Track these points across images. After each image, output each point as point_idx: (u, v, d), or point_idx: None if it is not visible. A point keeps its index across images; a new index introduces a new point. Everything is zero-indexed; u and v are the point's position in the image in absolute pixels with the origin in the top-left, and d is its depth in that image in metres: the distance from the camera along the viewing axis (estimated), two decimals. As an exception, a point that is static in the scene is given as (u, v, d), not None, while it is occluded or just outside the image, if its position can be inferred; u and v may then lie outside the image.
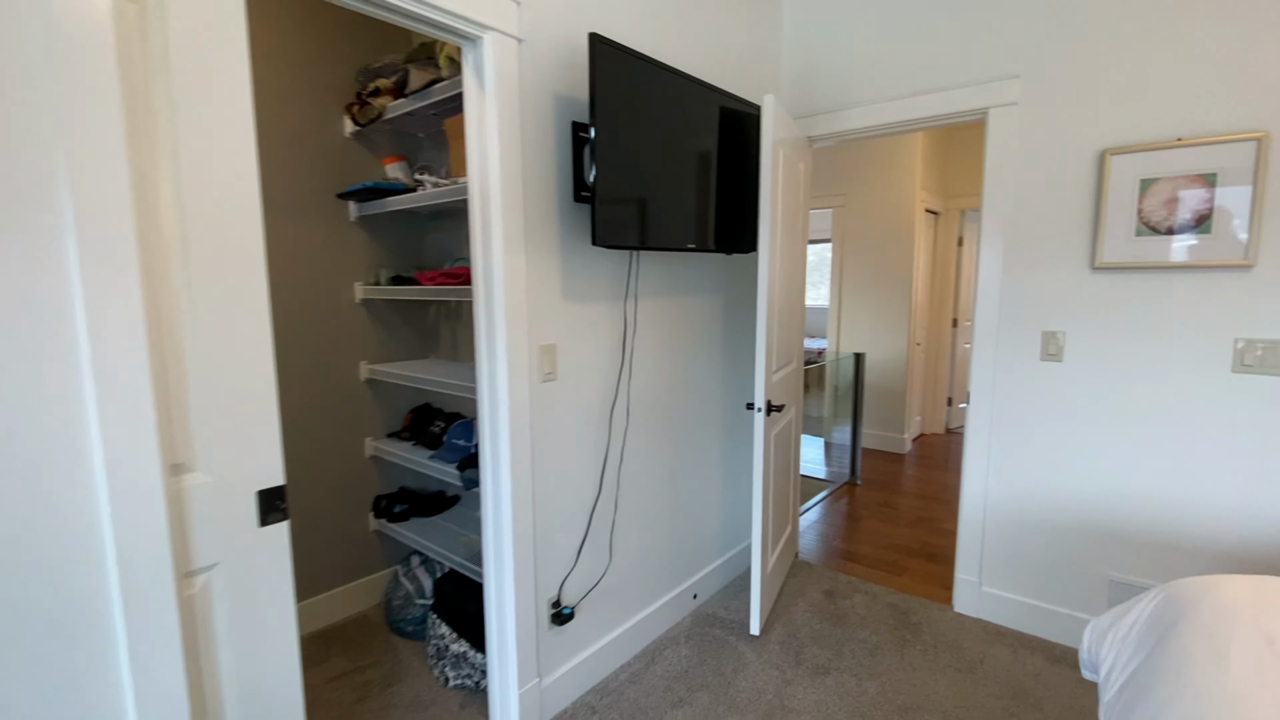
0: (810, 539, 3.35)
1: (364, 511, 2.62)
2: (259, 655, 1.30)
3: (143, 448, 1.07)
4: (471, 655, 2.07)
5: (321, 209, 2.38)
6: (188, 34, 1.13)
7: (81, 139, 0.99)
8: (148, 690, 1.11)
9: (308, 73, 2.30)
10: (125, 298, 1.04)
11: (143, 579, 1.09)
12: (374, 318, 2.57)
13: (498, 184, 1.68)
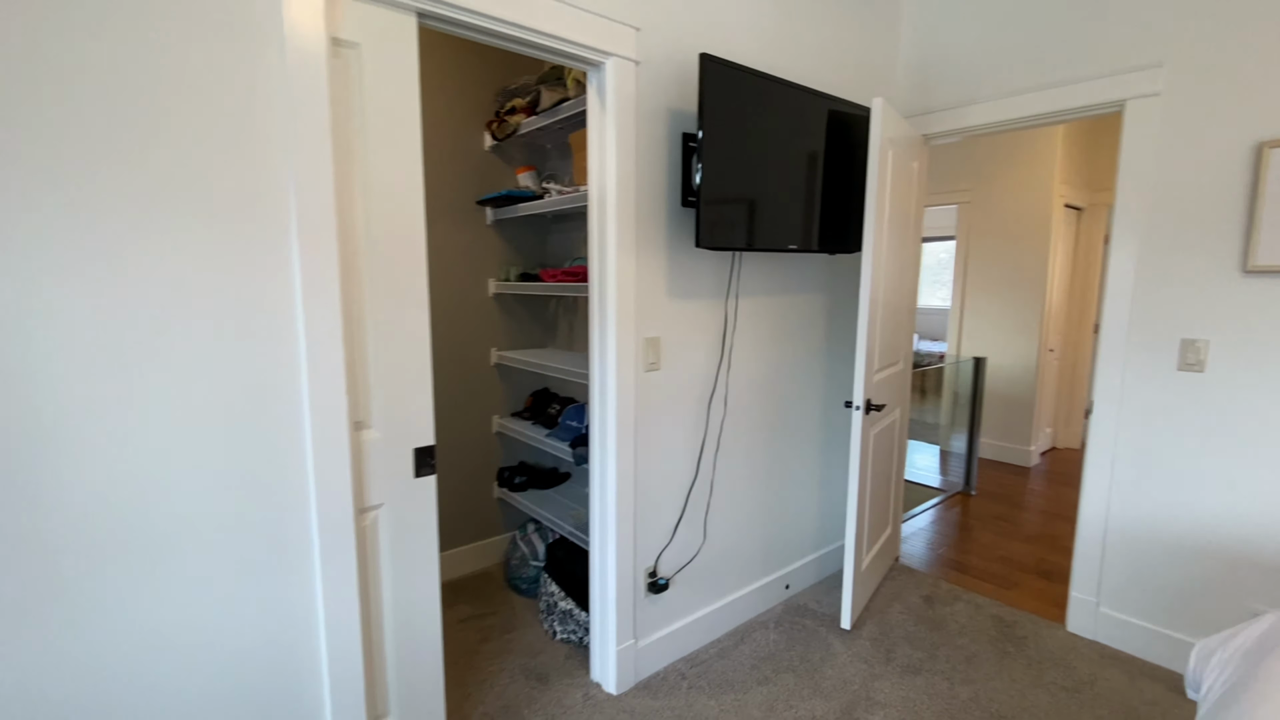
0: (915, 545, 3.29)
1: (489, 481, 2.96)
2: (410, 579, 1.59)
3: (336, 408, 1.38)
4: (577, 613, 2.31)
5: (464, 214, 2.72)
6: (377, 74, 1.42)
7: (303, 156, 1.30)
8: (331, 591, 1.42)
9: (455, 97, 2.64)
10: (327, 284, 1.35)
11: (333, 510, 1.40)
12: (503, 310, 2.90)
13: (614, 191, 1.88)
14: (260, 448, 1.31)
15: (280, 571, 1.37)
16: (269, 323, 1.30)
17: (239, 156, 1.25)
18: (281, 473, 1.34)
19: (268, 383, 1.31)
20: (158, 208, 1.17)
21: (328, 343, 1.36)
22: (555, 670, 2.20)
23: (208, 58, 1.20)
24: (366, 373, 1.46)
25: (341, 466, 1.41)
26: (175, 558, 1.24)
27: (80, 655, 1.17)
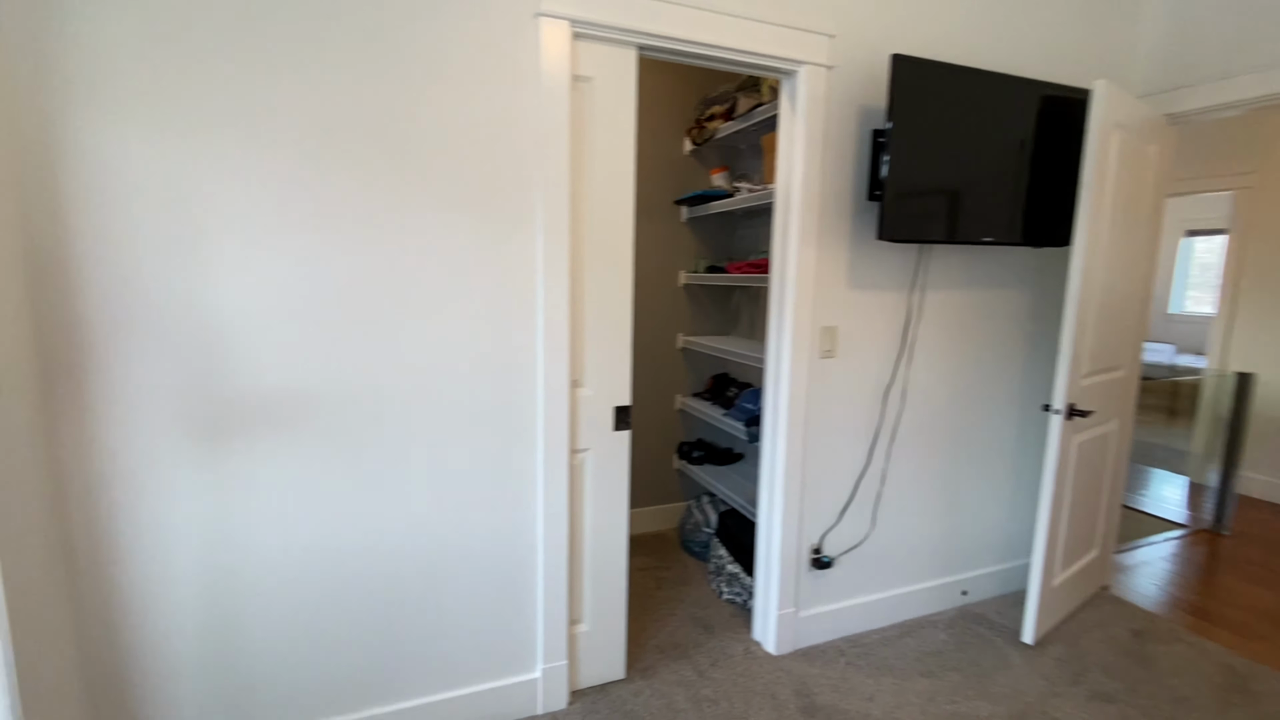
0: (1136, 578, 2.93)
1: (670, 452, 3.27)
2: (605, 513, 1.93)
3: (560, 368, 1.74)
4: (743, 577, 2.51)
5: (662, 212, 3.04)
6: (604, 100, 1.75)
7: (548, 170, 1.67)
8: (549, 509, 1.80)
9: (659, 109, 2.96)
10: (560, 270, 1.71)
11: (554, 447, 1.78)
12: (691, 299, 3.18)
13: (799, 188, 2.02)
14: (507, 394, 1.73)
15: (516, 484, 1.78)
16: (517, 299, 1.70)
17: (502, 172, 1.65)
18: (520, 414, 1.75)
19: (514, 345, 1.72)
20: (446, 209, 1.61)
21: (558, 315, 1.73)
22: (720, 624, 2.43)
23: (488, 103, 1.61)
24: (583, 340, 1.81)
25: (562, 414, 1.78)
26: (454, 461, 1.70)
27: (410, 512, 1.67)
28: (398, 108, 1.55)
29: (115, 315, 1.40)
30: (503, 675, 1.88)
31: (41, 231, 1.33)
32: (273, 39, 1.44)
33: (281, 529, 1.59)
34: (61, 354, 1.38)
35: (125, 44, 1.34)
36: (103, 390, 1.41)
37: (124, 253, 1.39)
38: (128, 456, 1.45)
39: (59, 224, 1.34)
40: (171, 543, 1.50)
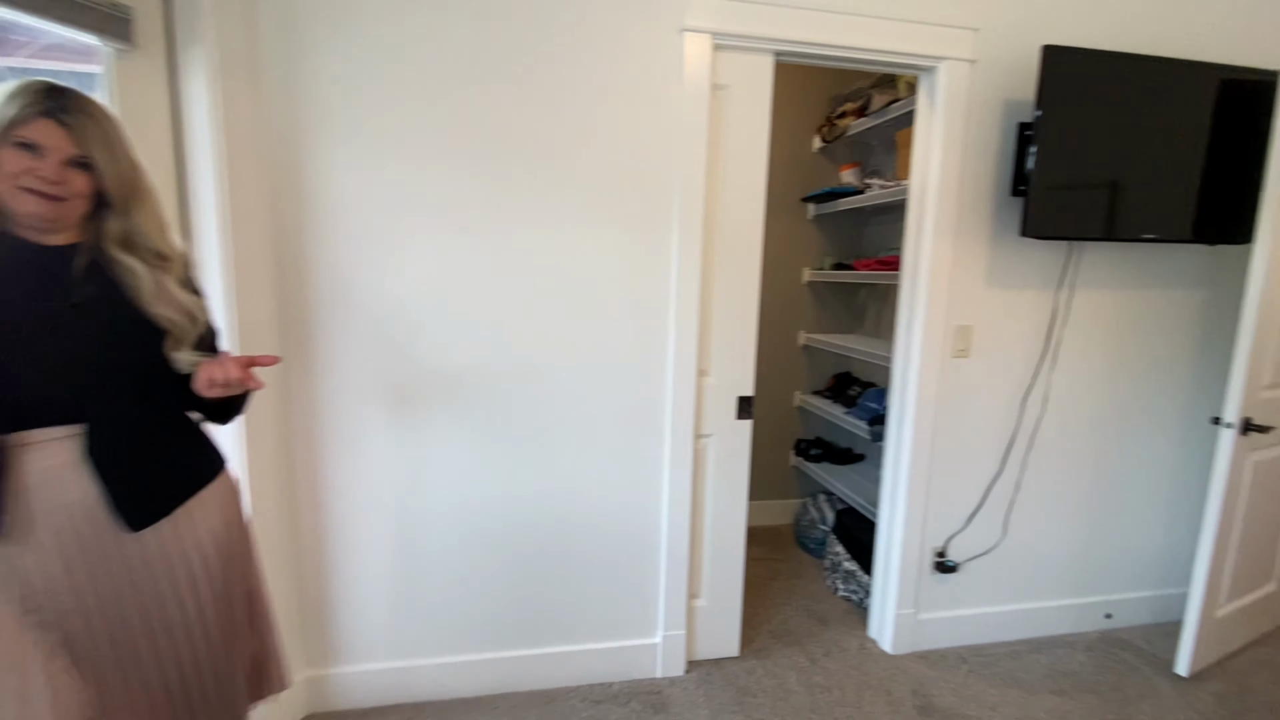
0: (1319, 619, 2.57)
1: (787, 449, 3.31)
2: (725, 497, 2.05)
3: (689, 357, 1.88)
4: (859, 575, 2.51)
5: (789, 209, 3.08)
6: (740, 106, 1.86)
7: (686, 174, 1.80)
8: (673, 488, 1.95)
9: (789, 108, 2.99)
10: (693, 266, 1.84)
11: (680, 430, 1.91)
12: (815, 296, 3.19)
13: (935, 184, 2.00)
14: (639, 379, 1.89)
15: (644, 461, 1.94)
16: (652, 292, 1.86)
17: (641, 176, 1.81)
18: (650, 399, 1.90)
19: (647, 334, 1.87)
20: (591, 211, 1.79)
21: (689, 308, 1.86)
22: (834, 619, 2.45)
23: (632, 114, 1.78)
24: (710, 332, 1.93)
25: (689, 400, 1.91)
26: (590, 437, 1.89)
27: (550, 478, 1.89)
28: (551, 123, 1.75)
29: (331, 301, 1.72)
30: (626, 636, 2.05)
31: (282, 231, 1.67)
32: (451, 73, 1.68)
33: (452, 483, 1.85)
34: (294, 329, 1.72)
35: (343, 80, 1.64)
36: (323, 361, 1.74)
37: (338, 250, 1.70)
38: (338, 414, 1.77)
39: (295, 225, 1.67)
40: (368, 488, 1.81)
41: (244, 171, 1.58)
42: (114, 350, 1.06)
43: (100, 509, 1.05)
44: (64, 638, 1.04)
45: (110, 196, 1.05)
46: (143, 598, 1.10)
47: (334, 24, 1.62)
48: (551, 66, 1.73)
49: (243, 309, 1.58)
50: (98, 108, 1.04)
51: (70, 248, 1.05)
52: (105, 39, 1.39)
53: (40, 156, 0.98)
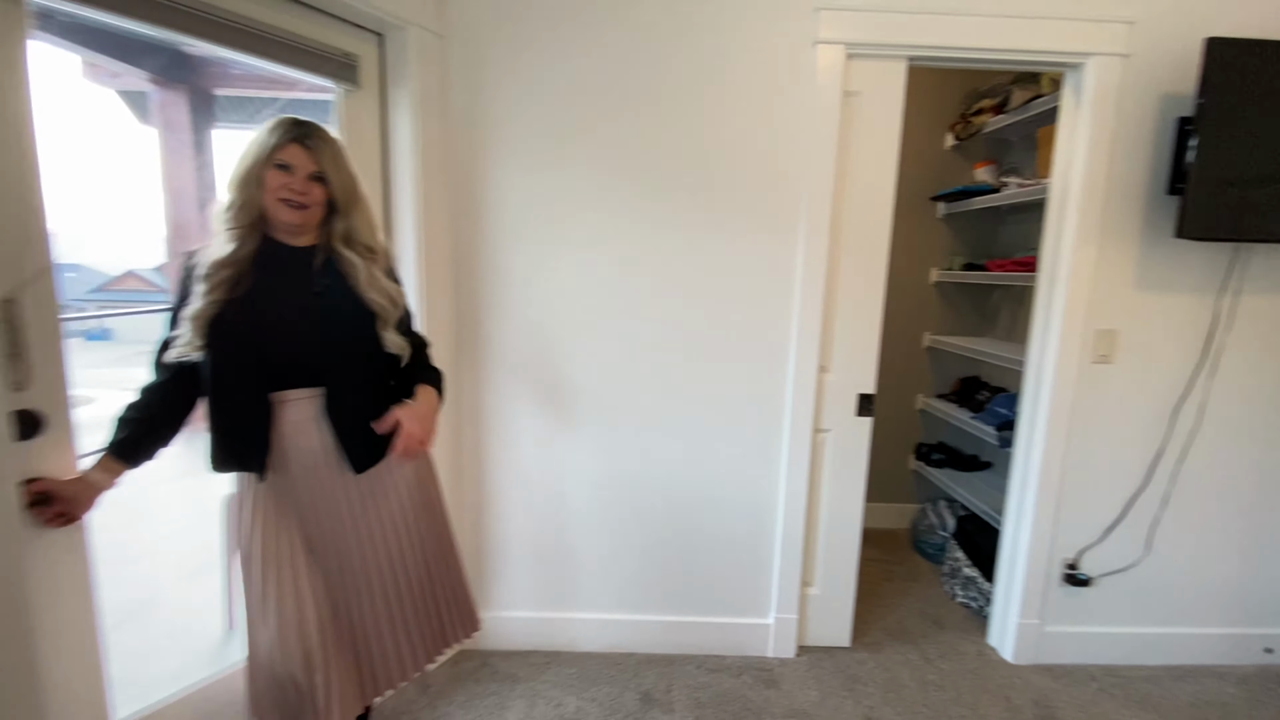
0: None
1: (906, 453, 3.27)
2: (842, 491, 2.12)
3: (811, 354, 1.98)
4: (980, 582, 2.47)
5: (916, 208, 3.04)
6: (870, 111, 1.92)
7: (814, 179, 1.90)
8: (790, 477, 2.05)
9: (921, 103, 2.94)
10: (818, 266, 1.93)
11: (799, 422, 2.02)
12: (942, 297, 3.12)
13: (1079, 183, 1.95)
14: (762, 371, 2.02)
15: (764, 450, 2.07)
16: (776, 290, 1.98)
17: (770, 180, 1.93)
18: (772, 391, 2.03)
19: (771, 329, 1.99)
20: (721, 213, 1.94)
21: (812, 307, 1.96)
22: (951, 623, 2.43)
23: (764, 123, 1.90)
24: (833, 330, 2.01)
25: (809, 396, 2.01)
26: (714, 424, 2.05)
27: (677, 460, 2.08)
28: (685, 135, 1.91)
29: (494, 298, 2.00)
30: (740, 615, 2.18)
31: (459, 236, 1.97)
32: (599, 97, 1.90)
33: (590, 462, 2.08)
34: (466, 319, 2.02)
35: (508, 110, 1.90)
36: (486, 349, 2.03)
37: (500, 254, 1.98)
38: (498, 397, 2.05)
39: (469, 232, 1.97)
40: (519, 461, 2.09)
41: (434, 186, 1.89)
42: (342, 329, 1.36)
43: (333, 454, 1.36)
44: (306, 544, 1.36)
45: (337, 202, 1.34)
46: (358, 522, 1.40)
47: (503, 65, 1.89)
48: (689, 84, 1.89)
49: (429, 299, 1.89)
50: (328, 133, 1.33)
51: (312, 248, 1.36)
52: (338, 82, 1.74)
53: (292, 174, 1.28)
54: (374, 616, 1.44)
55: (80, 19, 1.33)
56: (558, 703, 1.93)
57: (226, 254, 1.26)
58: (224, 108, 4.58)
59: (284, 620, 1.31)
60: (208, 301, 1.24)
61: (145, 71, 4.05)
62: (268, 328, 1.29)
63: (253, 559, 1.33)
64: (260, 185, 1.27)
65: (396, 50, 1.79)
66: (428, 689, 1.98)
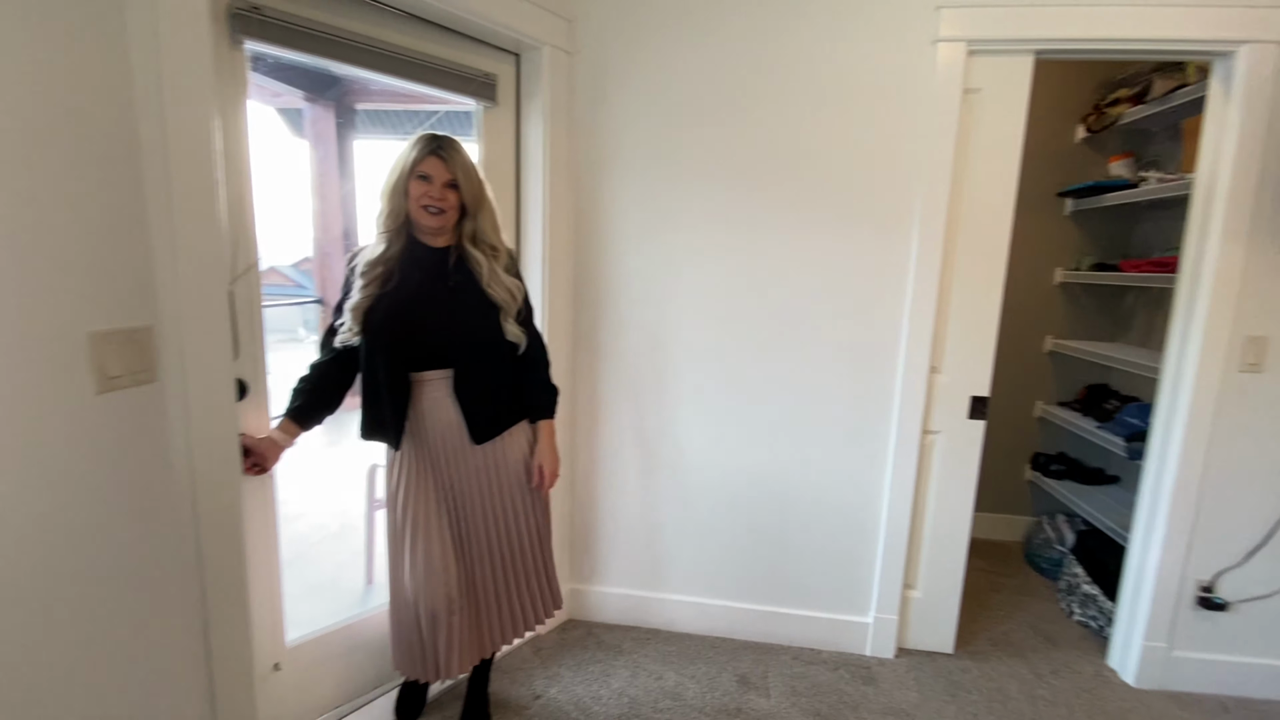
0: None
1: (1022, 462, 3.11)
2: (949, 495, 2.09)
3: (921, 354, 1.97)
4: (1100, 600, 2.33)
5: (1041, 204, 2.88)
6: (992, 108, 1.89)
7: (929, 178, 1.89)
8: (895, 479, 2.05)
9: (1047, 94, 2.78)
10: (931, 265, 1.93)
11: (907, 422, 2.02)
12: (1068, 299, 2.95)
13: (1227, 178, 1.81)
14: (870, 370, 2.03)
15: (870, 448, 2.08)
16: (887, 288, 1.98)
17: (882, 180, 1.94)
18: (879, 390, 2.03)
19: (880, 328, 2.00)
20: (829, 213, 1.97)
21: (924, 307, 1.95)
22: (1065, 641, 2.32)
23: (877, 124, 1.92)
24: (946, 331, 1.99)
25: (918, 396, 2.00)
26: (819, 418, 2.09)
27: (779, 450, 2.14)
28: (797, 137, 1.96)
29: (609, 292, 2.14)
30: (838, 611, 2.20)
31: (580, 236, 2.13)
32: (714, 100, 1.98)
33: (694, 450, 2.18)
34: (584, 312, 2.18)
35: (625, 120, 2.03)
36: (600, 340, 2.18)
37: (615, 251, 2.12)
38: (610, 385, 2.20)
39: (587, 232, 2.13)
40: (627, 446, 2.23)
41: (560, 192, 2.06)
42: (470, 320, 1.55)
43: (460, 428, 1.55)
44: (441, 505, 1.57)
45: (467, 206, 1.53)
46: (481, 489, 1.60)
47: (621, 76, 2.02)
48: (802, 88, 1.94)
49: (552, 293, 2.07)
50: (459, 145, 1.52)
51: (447, 249, 1.56)
52: (479, 100, 1.95)
53: (430, 183, 1.48)
54: (493, 577, 1.63)
55: (278, 59, 1.60)
56: (658, 675, 2.05)
57: (378, 254, 1.49)
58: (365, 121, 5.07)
59: (425, 570, 1.52)
60: (363, 295, 1.48)
61: (301, 91, 4.57)
62: (409, 317, 1.49)
63: (398, 516, 1.56)
64: (405, 194, 1.48)
65: (531, 68, 1.97)
66: (540, 650, 2.16)
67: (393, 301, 1.49)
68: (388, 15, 1.65)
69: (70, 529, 1.07)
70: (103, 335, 1.09)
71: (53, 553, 1.05)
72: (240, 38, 1.39)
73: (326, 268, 4.85)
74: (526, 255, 2.07)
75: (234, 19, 1.37)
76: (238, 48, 1.40)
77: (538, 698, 1.92)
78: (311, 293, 5.88)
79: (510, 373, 1.62)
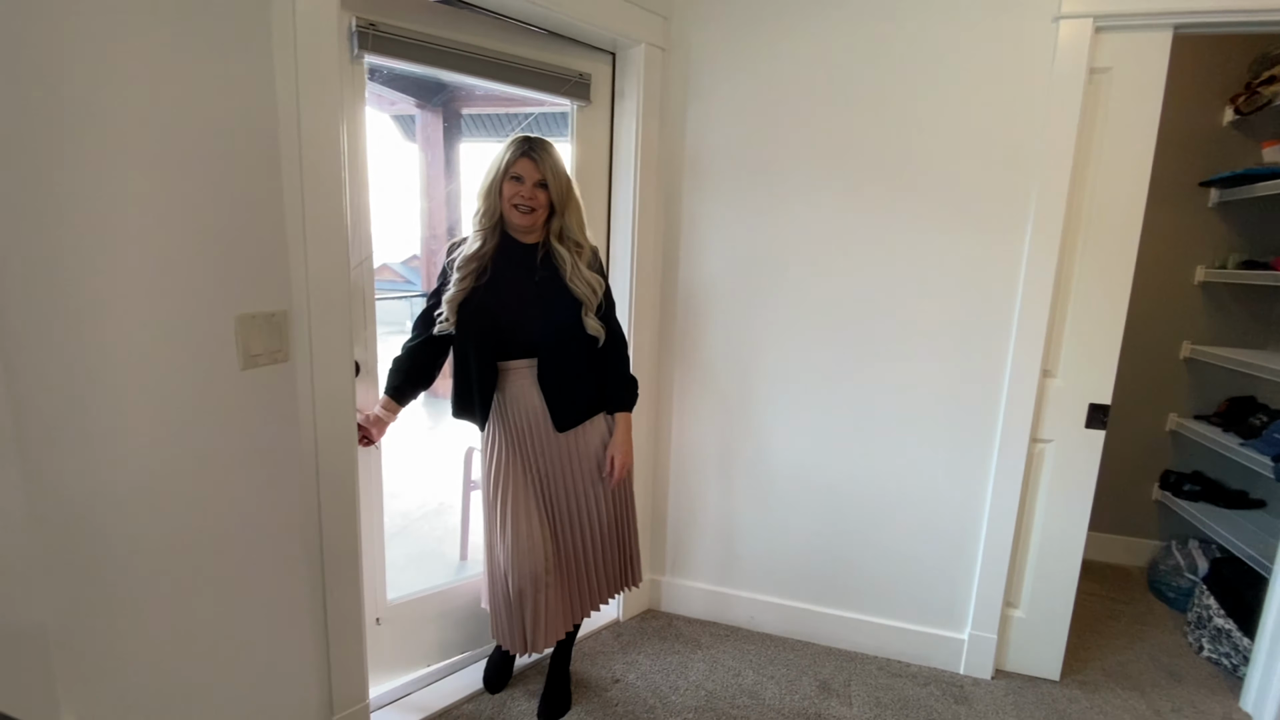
0: None
1: (1148, 479, 2.82)
2: (1061, 509, 1.94)
3: (1032, 356, 1.84)
4: (1236, 636, 2.08)
5: (1179, 196, 2.59)
6: (1121, 89, 1.73)
7: (1047, 165, 1.76)
8: (998, 489, 1.93)
9: (1187, 74, 2.49)
10: (1047, 260, 1.79)
11: (1013, 429, 1.89)
12: (1210, 300, 2.64)
13: None
14: (972, 370, 1.92)
15: (966, 468, 1.96)
16: (996, 285, 1.86)
17: (993, 169, 1.82)
18: (982, 391, 1.92)
19: (988, 328, 1.88)
20: (934, 205, 1.87)
21: (1037, 305, 1.81)
22: (1191, 677, 2.09)
23: (987, 110, 1.80)
24: (1061, 331, 1.85)
25: (1027, 400, 1.86)
26: (914, 420, 2.00)
27: (868, 450, 2.08)
28: (898, 127, 1.87)
29: (694, 287, 2.15)
30: (928, 624, 2.10)
31: (666, 232, 2.15)
32: (812, 92, 1.93)
33: (781, 450, 2.15)
34: (669, 305, 2.20)
35: (723, 105, 2.03)
36: (685, 334, 2.19)
37: (705, 257, 2.12)
38: (696, 379, 2.21)
39: (672, 229, 2.14)
40: (712, 441, 2.23)
41: (649, 189, 2.09)
42: (552, 313, 1.61)
43: (544, 414, 1.63)
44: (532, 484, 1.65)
45: (555, 205, 1.59)
46: (565, 471, 1.68)
47: (715, 71, 2.02)
48: (911, 71, 1.85)
49: (639, 290, 2.10)
50: (549, 146, 1.58)
51: (535, 245, 1.64)
52: (573, 100, 2.01)
53: (522, 183, 1.55)
54: (577, 552, 1.71)
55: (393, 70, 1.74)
56: (736, 672, 2.04)
57: (474, 250, 1.60)
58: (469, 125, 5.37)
59: (514, 549, 1.61)
60: (458, 289, 1.59)
61: (413, 98, 4.91)
62: (499, 309, 1.60)
63: (491, 496, 1.67)
64: (499, 194, 1.58)
65: (626, 66, 2.01)
66: (620, 635, 2.21)
67: (484, 294, 1.60)
68: (490, 24, 1.75)
69: (218, 486, 1.21)
70: (248, 318, 1.22)
71: (204, 508, 1.20)
72: (360, 52, 1.53)
73: (432, 264, 5.19)
74: (615, 253, 2.12)
75: (354, 36, 1.51)
76: (358, 61, 1.54)
77: (616, 681, 1.97)
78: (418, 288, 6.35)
79: (590, 365, 1.68)
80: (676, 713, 1.85)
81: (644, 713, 1.85)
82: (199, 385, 1.16)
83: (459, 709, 1.83)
